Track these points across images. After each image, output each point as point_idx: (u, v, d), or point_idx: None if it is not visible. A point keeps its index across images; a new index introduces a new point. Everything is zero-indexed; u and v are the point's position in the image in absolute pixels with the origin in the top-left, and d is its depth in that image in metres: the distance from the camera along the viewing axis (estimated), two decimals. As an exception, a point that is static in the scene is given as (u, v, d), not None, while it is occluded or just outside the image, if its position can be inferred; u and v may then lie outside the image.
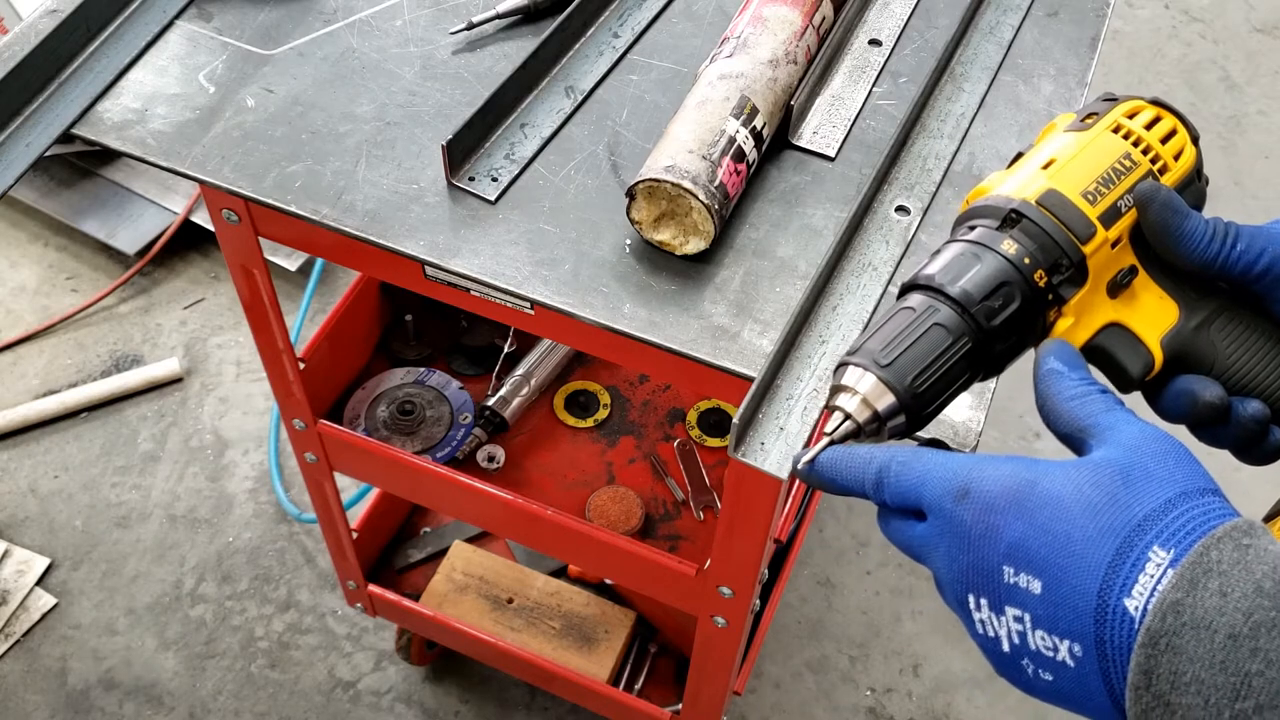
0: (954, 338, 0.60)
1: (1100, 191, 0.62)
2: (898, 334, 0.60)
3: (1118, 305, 0.64)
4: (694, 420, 1.56)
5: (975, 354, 0.60)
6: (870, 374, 0.59)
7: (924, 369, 0.59)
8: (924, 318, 0.60)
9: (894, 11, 1.06)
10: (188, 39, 1.02)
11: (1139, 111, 0.66)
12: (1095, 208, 0.62)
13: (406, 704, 1.80)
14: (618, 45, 1.02)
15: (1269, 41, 2.88)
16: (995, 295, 0.60)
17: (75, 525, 1.98)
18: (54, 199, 2.33)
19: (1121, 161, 0.63)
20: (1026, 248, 0.61)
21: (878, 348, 0.60)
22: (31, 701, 1.80)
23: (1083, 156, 0.64)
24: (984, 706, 1.85)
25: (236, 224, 1.04)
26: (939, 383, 0.60)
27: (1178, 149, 0.65)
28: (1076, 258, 0.61)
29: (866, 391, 0.60)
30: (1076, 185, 0.62)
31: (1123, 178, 0.63)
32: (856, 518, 2.04)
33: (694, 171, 0.85)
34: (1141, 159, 0.64)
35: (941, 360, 0.59)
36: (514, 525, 1.34)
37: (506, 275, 0.87)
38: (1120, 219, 0.63)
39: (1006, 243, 0.61)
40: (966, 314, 0.60)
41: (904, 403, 0.59)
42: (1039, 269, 0.61)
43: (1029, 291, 0.61)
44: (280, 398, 1.29)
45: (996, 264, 0.60)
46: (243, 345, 2.22)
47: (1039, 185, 0.62)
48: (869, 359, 0.60)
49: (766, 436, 0.77)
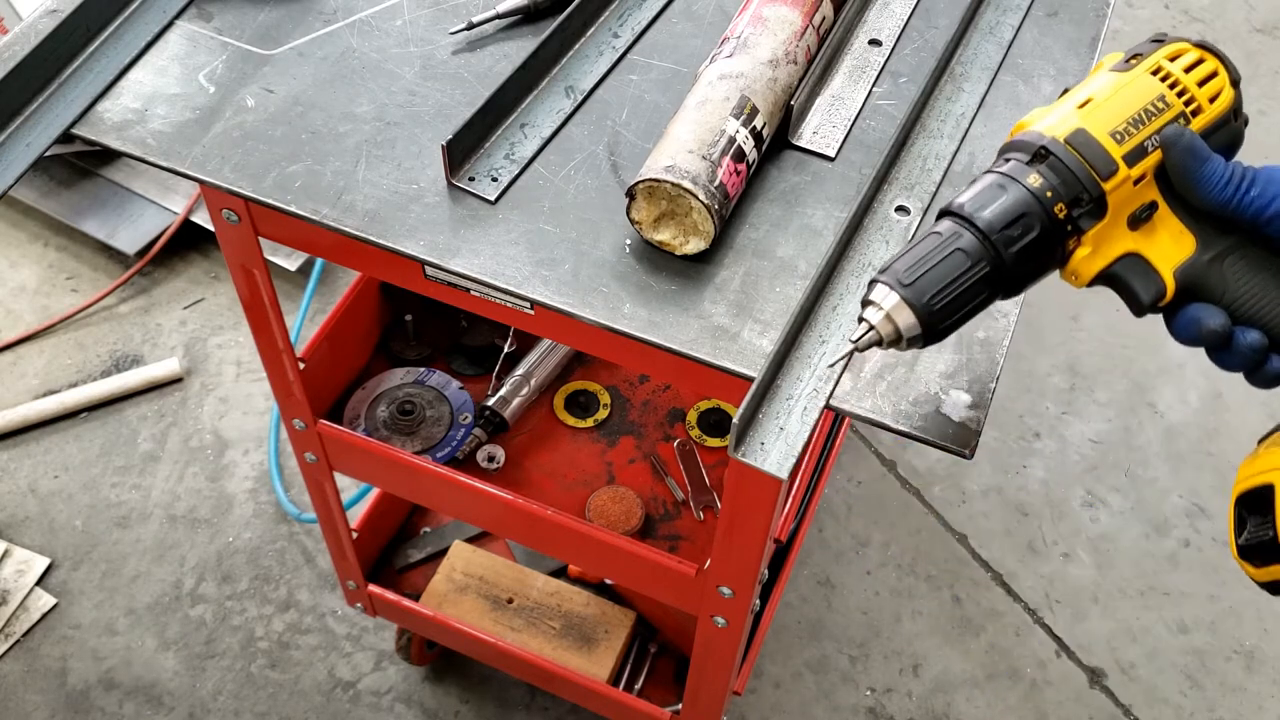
0: (972, 261, 0.66)
1: (1129, 132, 0.67)
2: (923, 256, 0.67)
3: (1137, 236, 0.69)
4: (694, 420, 1.56)
5: (993, 277, 0.67)
6: (894, 292, 0.67)
7: (941, 289, 0.66)
8: (948, 242, 0.66)
9: (894, 11, 1.06)
10: (188, 39, 1.02)
11: (1182, 54, 0.70)
12: (1122, 146, 0.67)
13: (406, 704, 1.80)
14: (618, 45, 1.02)
15: (1269, 41, 2.88)
16: (1015, 225, 0.66)
17: (75, 525, 1.98)
18: (54, 199, 2.33)
19: (1155, 103, 0.68)
20: (1050, 181, 0.66)
21: (903, 268, 0.67)
22: (31, 701, 1.80)
23: (1118, 97, 0.68)
24: (984, 706, 1.85)
25: (236, 224, 1.04)
26: (955, 302, 0.66)
27: (1215, 91, 0.69)
28: (1096, 193, 0.66)
29: (890, 307, 0.67)
30: (1106, 125, 0.67)
31: (1153, 119, 0.68)
32: (856, 517, 2.04)
33: (694, 171, 0.85)
34: (1175, 101, 0.68)
35: (959, 282, 0.66)
36: (514, 525, 1.34)
37: (506, 275, 0.87)
38: (1146, 158, 0.67)
39: (1033, 176, 0.66)
40: (987, 241, 0.66)
41: (921, 319, 0.67)
42: (1060, 202, 0.66)
43: (1048, 222, 0.66)
44: (280, 398, 1.29)
45: (1020, 195, 0.66)
46: (243, 345, 2.22)
47: (1070, 124, 0.67)
48: (894, 278, 0.67)
49: (766, 436, 0.77)
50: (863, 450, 2.12)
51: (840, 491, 2.07)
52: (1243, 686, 1.89)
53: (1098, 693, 1.88)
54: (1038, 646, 1.92)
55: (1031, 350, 2.27)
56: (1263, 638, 1.94)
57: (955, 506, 2.06)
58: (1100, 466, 2.13)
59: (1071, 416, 2.19)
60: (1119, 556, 2.02)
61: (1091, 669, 1.90)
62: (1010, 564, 2.00)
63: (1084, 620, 1.95)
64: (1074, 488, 2.10)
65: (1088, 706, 1.86)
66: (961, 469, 2.09)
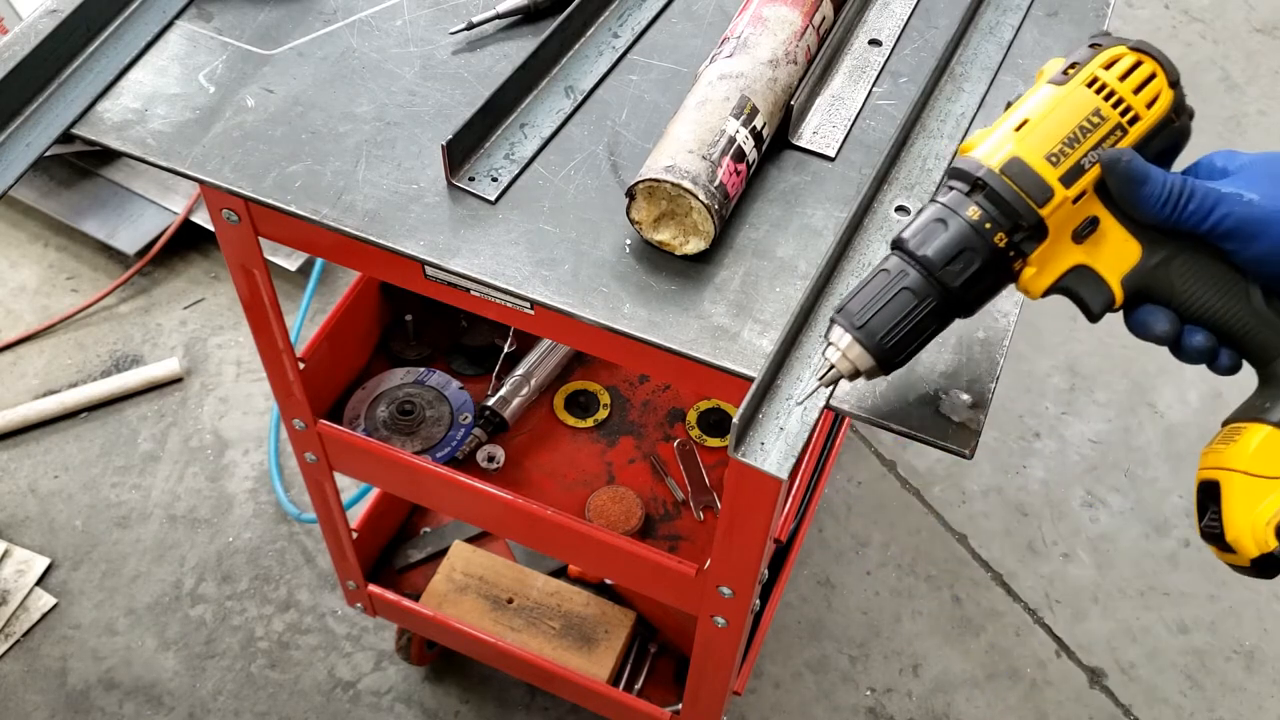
0: (920, 299, 0.69)
1: (1065, 152, 0.68)
2: (873, 296, 0.70)
3: (1083, 250, 0.71)
4: (694, 420, 1.56)
5: (942, 309, 0.70)
6: (848, 334, 0.71)
7: (892, 327, 0.70)
8: (895, 281, 0.70)
9: (894, 11, 1.06)
10: (188, 39, 1.02)
11: (1118, 59, 0.69)
12: (1058, 169, 0.68)
13: (406, 704, 1.80)
14: (618, 45, 1.02)
15: (1269, 41, 2.88)
16: (957, 260, 0.68)
17: (75, 525, 1.98)
18: (54, 199, 2.32)
19: (1090, 119, 0.68)
20: (988, 213, 0.68)
21: (856, 310, 0.71)
22: (31, 701, 1.80)
23: (1053, 116, 0.68)
24: (984, 706, 1.85)
25: (236, 224, 1.04)
26: (907, 337, 0.70)
27: (1153, 95, 0.69)
28: (1034, 220, 0.68)
29: (845, 348, 0.71)
30: (1041, 148, 0.68)
31: (1089, 135, 0.68)
32: (856, 517, 2.04)
33: (694, 171, 0.85)
34: (1111, 113, 0.68)
35: (908, 319, 0.69)
36: (514, 525, 1.34)
37: (506, 275, 0.87)
38: (1084, 175, 0.68)
39: (971, 209, 0.68)
40: (932, 277, 0.68)
41: (875, 356, 0.70)
42: (1000, 231, 0.68)
43: (990, 252, 0.68)
44: (280, 398, 1.29)
45: (960, 229, 0.68)
46: (243, 345, 2.22)
47: (1006, 151, 0.68)
48: (848, 320, 0.71)
49: (766, 436, 0.76)
50: (863, 450, 2.12)
51: (840, 491, 2.07)
52: (1243, 686, 1.89)
53: (1098, 693, 1.88)
54: (1038, 646, 1.92)
55: (1031, 350, 2.27)
56: (1263, 638, 1.94)
57: (955, 506, 2.06)
58: (1100, 466, 2.12)
59: (1071, 416, 2.19)
60: (1119, 556, 2.02)
61: (1091, 669, 1.90)
62: (1010, 564, 2.00)
63: (1084, 620, 1.95)
64: (1074, 488, 2.10)
65: (1088, 706, 1.86)
66: (961, 469, 2.09)
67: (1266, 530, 0.67)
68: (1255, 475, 0.68)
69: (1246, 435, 0.69)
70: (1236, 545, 0.68)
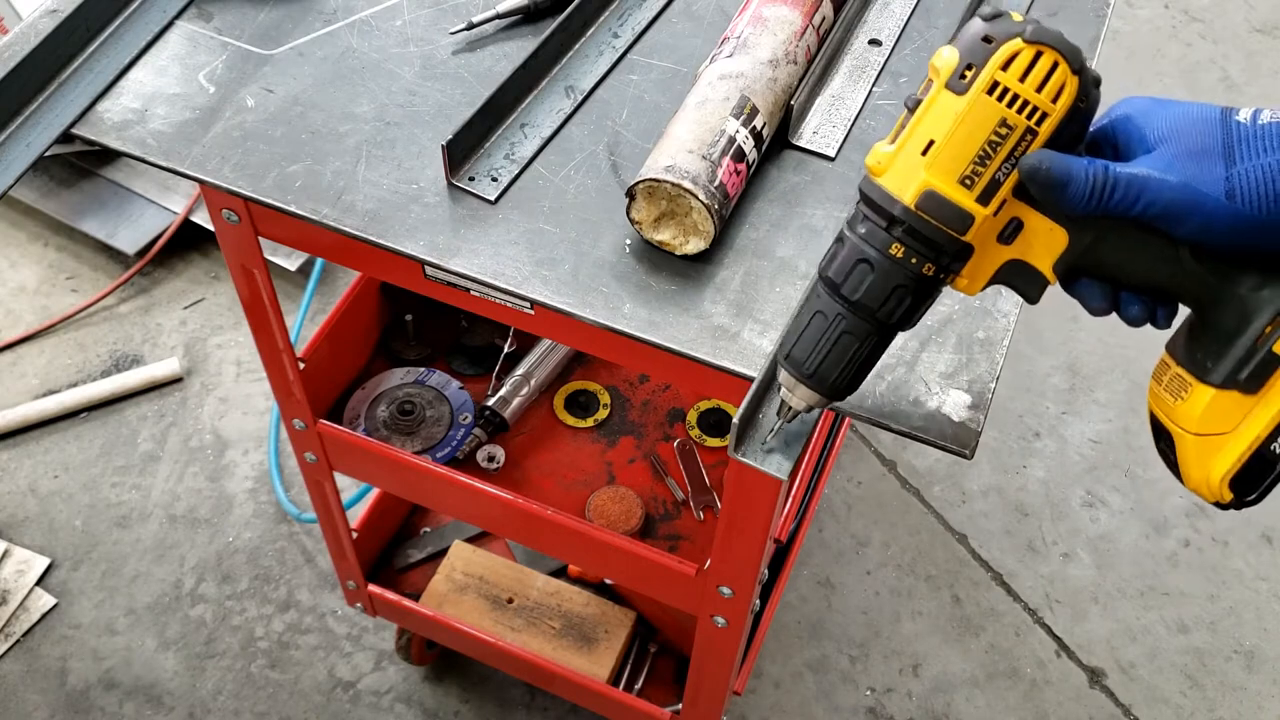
0: (860, 340, 0.71)
1: (977, 172, 0.66)
2: (815, 342, 0.72)
3: (1012, 248, 0.70)
4: (694, 420, 1.56)
5: (884, 338, 0.72)
6: (799, 382, 0.73)
7: (841, 369, 0.72)
8: (834, 325, 0.71)
9: (894, 11, 1.06)
10: (188, 39, 1.02)
11: (1015, 55, 0.65)
12: (973, 190, 0.67)
13: (406, 704, 1.80)
14: (618, 45, 1.02)
15: (1269, 41, 2.88)
16: (890, 299, 0.69)
17: (75, 525, 1.98)
18: (54, 199, 2.32)
19: (998, 130, 0.66)
20: (912, 248, 0.68)
21: (801, 358, 0.73)
22: (31, 701, 1.80)
23: (959, 134, 0.66)
24: (984, 706, 1.85)
25: (236, 224, 1.04)
26: (857, 373, 0.73)
27: (1056, 89, 0.66)
28: (958, 247, 0.68)
29: (798, 393, 0.74)
30: (953, 172, 0.66)
31: (999, 150, 0.66)
32: (856, 517, 2.04)
33: (694, 171, 0.85)
34: (1018, 120, 0.65)
35: (854, 358, 0.72)
36: (514, 525, 1.34)
37: (506, 275, 0.87)
38: (1000, 187, 0.67)
39: (895, 246, 0.68)
40: (869, 317, 0.70)
41: (827, 395, 0.74)
42: (926, 263, 0.68)
43: (919, 282, 0.69)
44: (280, 398, 1.29)
45: (886, 269, 0.69)
46: (243, 345, 2.22)
47: (918, 182, 0.67)
48: (795, 368, 0.73)
49: (766, 436, 0.77)
50: (863, 450, 2.12)
51: (840, 491, 2.07)
52: (1243, 686, 1.89)
53: (1098, 693, 1.88)
54: (1038, 646, 1.92)
55: (1031, 350, 2.27)
56: (1263, 638, 1.94)
57: (955, 506, 2.06)
58: (1100, 466, 2.13)
59: (1071, 416, 2.19)
60: (1119, 556, 2.02)
61: (1091, 669, 1.90)
62: (1010, 564, 2.00)
63: (1084, 620, 1.95)
64: (1074, 488, 2.10)
65: (1088, 706, 1.86)
66: (961, 469, 2.09)
67: (1221, 486, 0.69)
68: (1205, 435, 0.69)
69: (1194, 398, 0.70)
70: (1196, 493, 0.71)
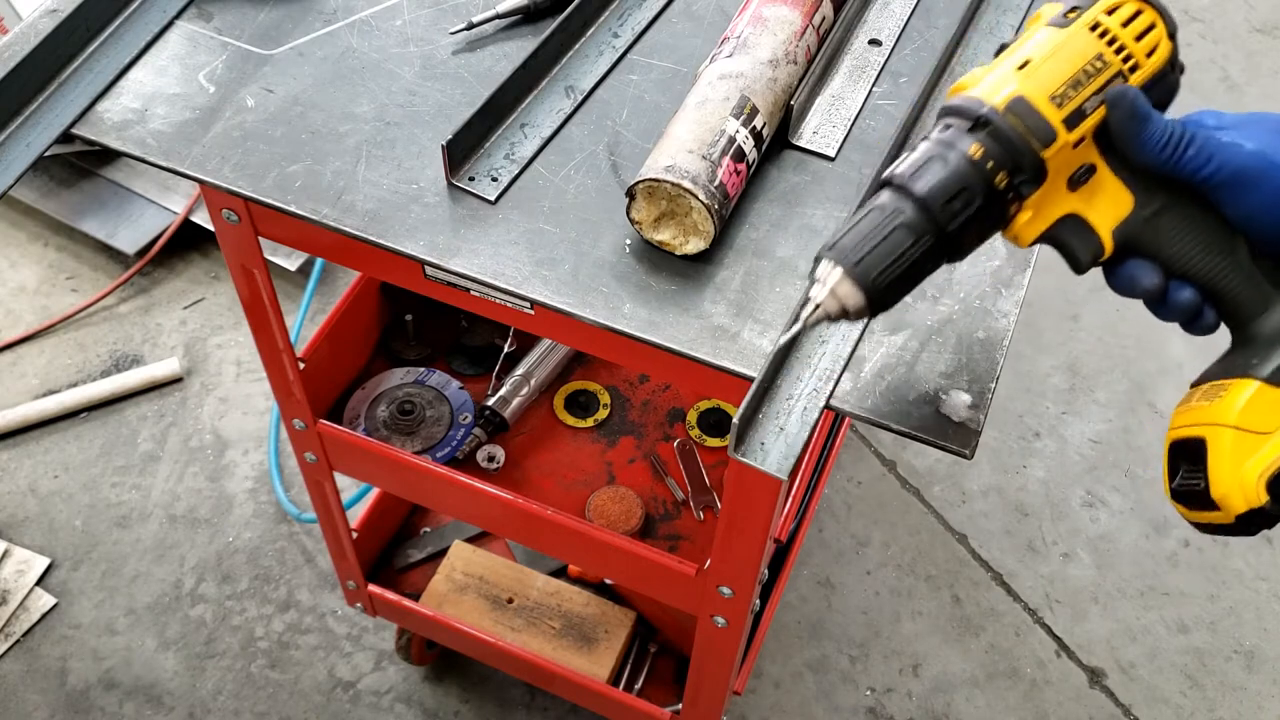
0: (916, 237, 0.66)
1: (1069, 95, 0.66)
2: (867, 234, 0.67)
3: (1076, 198, 0.69)
4: (694, 420, 1.56)
5: (937, 249, 0.67)
6: (840, 270, 0.67)
7: (887, 266, 0.67)
8: (890, 219, 0.66)
9: (894, 11, 1.06)
10: (188, 39, 1.02)
11: (1120, 5, 0.68)
12: (1061, 110, 0.66)
13: (406, 704, 1.80)
14: (618, 45, 1.02)
15: (1269, 41, 2.88)
16: (956, 199, 0.66)
17: (75, 525, 1.98)
18: (54, 199, 2.32)
19: (1093, 63, 0.67)
20: (990, 151, 0.66)
21: (849, 246, 0.67)
22: (31, 701, 1.80)
23: (1057, 57, 0.67)
24: (984, 706, 1.85)
25: (236, 224, 1.04)
26: (902, 277, 0.67)
27: (1152, 45, 0.68)
28: (1036, 161, 0.66)
29: (835, 285, 0.68)
30: (1046, 89, 0.66)
31: (1092, 79, 0.67)
32: (856, 517, 2.04)
33: (694, 171, 0.85)
34: (1114, 59, 0.67)
35: (904, 258, 0.66)
36: (514, 525, 1.34)
37: (506, 275, 0.87)
38: (1085, 120, 0.67)
39: (973, 146, 0.66)
40: (929, 214, 0.66)
41: (868, 295, 0.67)
42: (1001, 171, 0.66)
43: (989, 192, 0.66)
44: (280, 398, 1.29)
45: (960, 167, 0.66)
46: (243, 345, 2.22)
47: (1010, 89, 0.66)
48: (840, 256, 0.67)
49: (766, 436, 0.77)
50: (863, 450, 2.12)
51: (840, 491, 2.07)
52: (1243, 686, 1.89)
53: (1098, 693, 1.88)
54: (1038, 646, 1.92)
55: (1031, 350, 2.27)
56: (1263, 638, 1.94)
57: (955, 506, 2.06)
58: (1100, 466, 2.12)
59: (1071, 416, 2.19)
60: (1119, 556, 2.02)
61: (1091, 669, 1.90)
62: (1010, 564, 2.00)
63: (1084, 620, 1.95)
64: (1074, 488, 2.10)
65: (1088, 706, 1.86)
66: (961, 469, 2.09)
67: (1258, 485, 0.66)
68: (1244, 430, 0.67)
69: (1233, 391, 0.68)
70: (1223, 502, 0.67)
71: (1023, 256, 0.89)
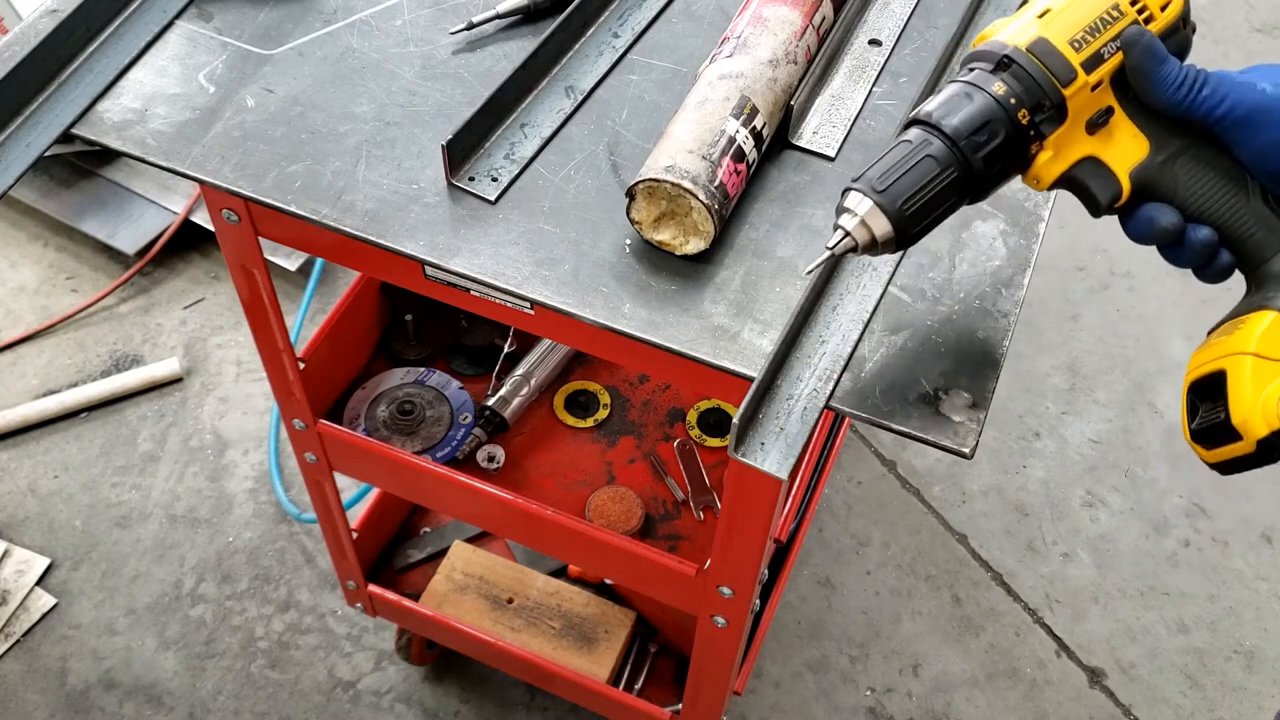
0: (942, 167, 0.69)
1: (1086, 40, 0.70)
2: (894, 163, 0.70)
3: (1094, 141, 0.72)
4: (694, 420, 1.56)
5: (961, 182, 0.70)
6: (868, 199, 0.70)
7: (913, 194, 0.69)
8: (917, 150, 0.69)
9: (894, 11, 1.06)
10: (188, 39, 1.02)
11: None
12: (1080, 54, 0.70)
13: (406, 704, 1.80)
14: (618, 45, 1.02)
15: (1269, 41, 2.88)
16: (981, 131, 0.69)
17: (75, 525, 1.98)
18: (54, 199, 2.32)
19: (1110, 12, 0.71)
20: (1014, 89, 0.69)
21: (876, 175, 0.70)
22: (31, 701, 1.80)
23: (1075, 6, 0.71)
24: (984, 706, 1.85)
25: (236, 224, 1.04)
26: (926, 206, 0.70)
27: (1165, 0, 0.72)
28: (1057, 99, 0.70)
29: (864, 213, 0.70)
30: (1065, 34, 0.70)
31: (1109, 27, 0.71)
32: (856, 517, 2.04)
33: (694, 171, 0.85)
34: (1129, 9, 0.71)
35: (929, 187, 0.69)
36: (514, 525, 1.34)
37: (506, 275, 0.87)
38: (1102, 64, 0.70)
39: (997, 84, 0.70)
40: (955, 147, 0.69)
41: (894, 223, 0.70)
42: (1023, 108, 0.69)
43: (1012, 128, 0.69)
44: (280, 398, 1.29)
45: (985, 102, 0.69)
46: (243, 345, 2.22)
47: (1031, 33, 0.71)
48: (868, 185, 0.70)
49: (766, 436, 0.77)
50: (863, 450, 2.12)
51: (840, 491, 2.07)
52: (1243, 686, 1.89)
53: (1098, 693, 1.88)
54: (1038, 646, 1.92)
55: (1031, 350, 2.27)
56: (1263, 638, 1.94)
57: (955, 506, 2.06)
58: (1100, 466, 2.12)
59: (1071, 416, 2.19)
60: (1119, 556, 2.02)
61: (1091, 669, 1.90)
62: (1010, 564, 2.00)
63: (1084, 620, 1.95)
64: (1074, 488, 2.10)
65: (1088, 706, 1.86)
66: (961, 469, 2.09)
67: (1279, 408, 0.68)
68: (1264, 357, 0.69)
69: (1251, 322, 0.71)
70: (1244, 427, 0.69)
71: (1023, 256, 0.89)
